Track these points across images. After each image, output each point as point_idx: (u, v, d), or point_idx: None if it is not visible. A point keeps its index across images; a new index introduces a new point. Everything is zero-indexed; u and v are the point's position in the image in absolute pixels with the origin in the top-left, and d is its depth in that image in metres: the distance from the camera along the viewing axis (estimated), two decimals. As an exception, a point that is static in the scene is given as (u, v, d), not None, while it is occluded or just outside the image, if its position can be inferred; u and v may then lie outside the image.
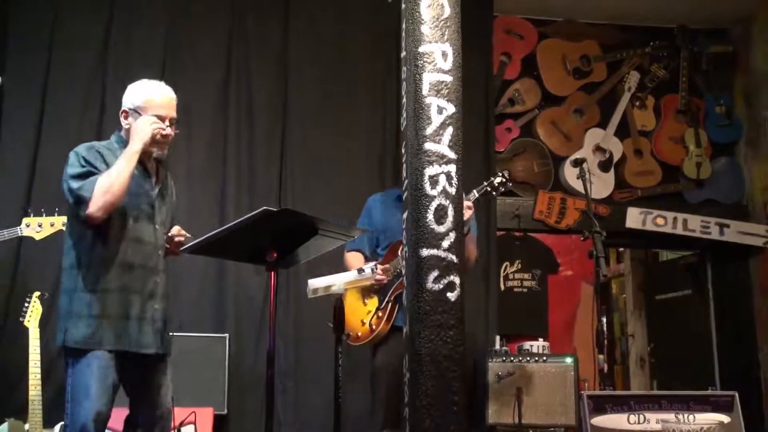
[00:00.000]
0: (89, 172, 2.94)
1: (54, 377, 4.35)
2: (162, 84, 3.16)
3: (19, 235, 3.85)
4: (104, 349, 2.90)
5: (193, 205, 4.84)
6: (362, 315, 3.87)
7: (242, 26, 5.26)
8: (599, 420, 3.42)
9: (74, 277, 2.96)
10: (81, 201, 2.89)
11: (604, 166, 5.78)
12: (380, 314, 3.80)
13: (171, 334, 3.17)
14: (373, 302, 3.85)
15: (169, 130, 3.07)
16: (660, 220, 5.69)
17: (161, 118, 3.04)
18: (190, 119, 4.91)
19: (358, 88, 5.36)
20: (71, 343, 2.90)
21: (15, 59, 4.88)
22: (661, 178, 5.91)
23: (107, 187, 2.88)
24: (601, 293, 4.07)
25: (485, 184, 3.93)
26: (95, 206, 2.87)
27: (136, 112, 3.05)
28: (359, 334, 3.86)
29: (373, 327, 3.79)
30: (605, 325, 3.96)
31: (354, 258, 4.03)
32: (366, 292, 3.87)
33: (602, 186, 5.71)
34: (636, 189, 5.85)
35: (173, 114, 3.11)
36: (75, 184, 2.91)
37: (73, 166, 2.97)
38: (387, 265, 3.82)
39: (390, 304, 3.80)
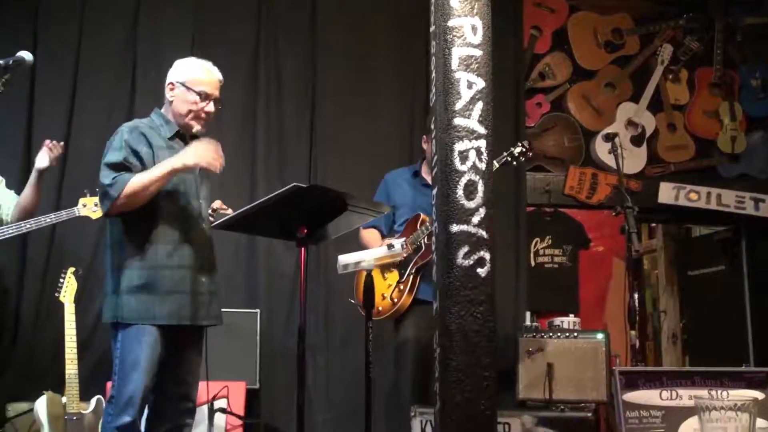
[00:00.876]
0: (124, 165, 2.98)
1: (90, 352, 4.45)
2: (209, 64, 3.25)
3: (77, 215, 3.92)
4: (158, 323, 2.97)
5: (224, 183, 4.86)
6: (383, 289, 3.89)
7: (271, 4, 5.24)
8: (631, 396, 3.40)
9: (122, 253, 3.02)
10: (106, 196, 2.96)
11: (636, 141, 5.72)
12: (401, 287, 3.82)
13: None
14: (393, 276, 3.87)
15: (211, 107, 3.17)
16: (693, 195, 5.62)
17: (205, 95, 3.15)
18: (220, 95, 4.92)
19: (388, 66, 5.33)
20: (124, 319, 2.97)
21: (46, 37, 4.92)
22: (695, 152, 5.84)
23: (135, 191, 2.93)
24: (633, 269, 4.04)
25: (505, 154, 3.95)
26: (117, 207, 2.96)
27: (183, 86, 3.15)
28: (380, 308, 3.88)
29: (395, 300, 3.82)
30: (637, 300, 3.92)
31: (370, 235, 4.04)
32: (385, 266, 3.89)
33: (634, 161, 5.66)
34: (669, 164, 5.78)
35: (216, 94, 3.21)
36: (106, 178, 2.96)
37: (113, 151, 3.02)
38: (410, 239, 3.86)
39: (411, 276, 3.82)
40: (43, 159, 3.83)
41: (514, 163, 4.02)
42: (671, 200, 5.62)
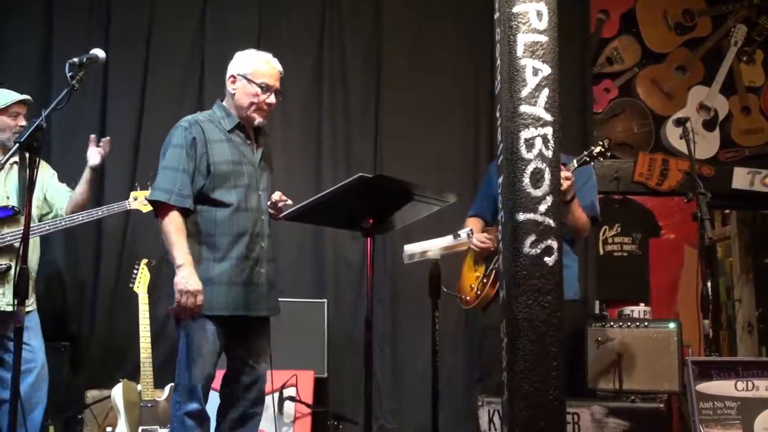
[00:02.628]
0: (180, 169, 3.05)
1: (163, 341, 4.55)
2: (270, 56, 3.29)
3: (128, 208, 4.00)
4: (216, 314, 3.03)
5: (290, 173, 4.93)
6: (471, 280, 3.91)
7: (335, -2, 5.27)
8: (705, 386, 3.33)
9: None
10: (157, 201, 3.06)
11: (709, 125, 5.58)
12: (485, 280, 3.82)
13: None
14: (482, 269, 3.89)
15: (272, 99, 3.22)
16: (769, 180, 5.47)
17: (266, 87, 3.19)
18: (286, 89, 4.94)
19: (452, 55, 5.30)
20: None
21: (117, 35, 5.02)
22: (771, 136, 5.67)
23: (164, 231, 3.04)
24: (706, 257, 3.94)
25: (585, 153, 3.85)
26: (159, 213, 3.07)
27: (244, 78, 3.19)
28: (468, 298, 3.91)
29: (478, 292, 3.84)
30: (710, 289, 3.84)
31: (474, 223, 4.01)
32: (478, 258, 3.90)
33: (707, 145, 5.53)
34: (743, 148, 5.63)
35: (277, 85, 3.25)
36: (165, 181, 3.04)
37: (173, 150, 3.09)
38: (486, 232, 3.83)
39: (494, 270, 3.80)
40: (94, 156, 3.86)
41: (593, 162, 3.95)
42: (746, 186, 5.48)
